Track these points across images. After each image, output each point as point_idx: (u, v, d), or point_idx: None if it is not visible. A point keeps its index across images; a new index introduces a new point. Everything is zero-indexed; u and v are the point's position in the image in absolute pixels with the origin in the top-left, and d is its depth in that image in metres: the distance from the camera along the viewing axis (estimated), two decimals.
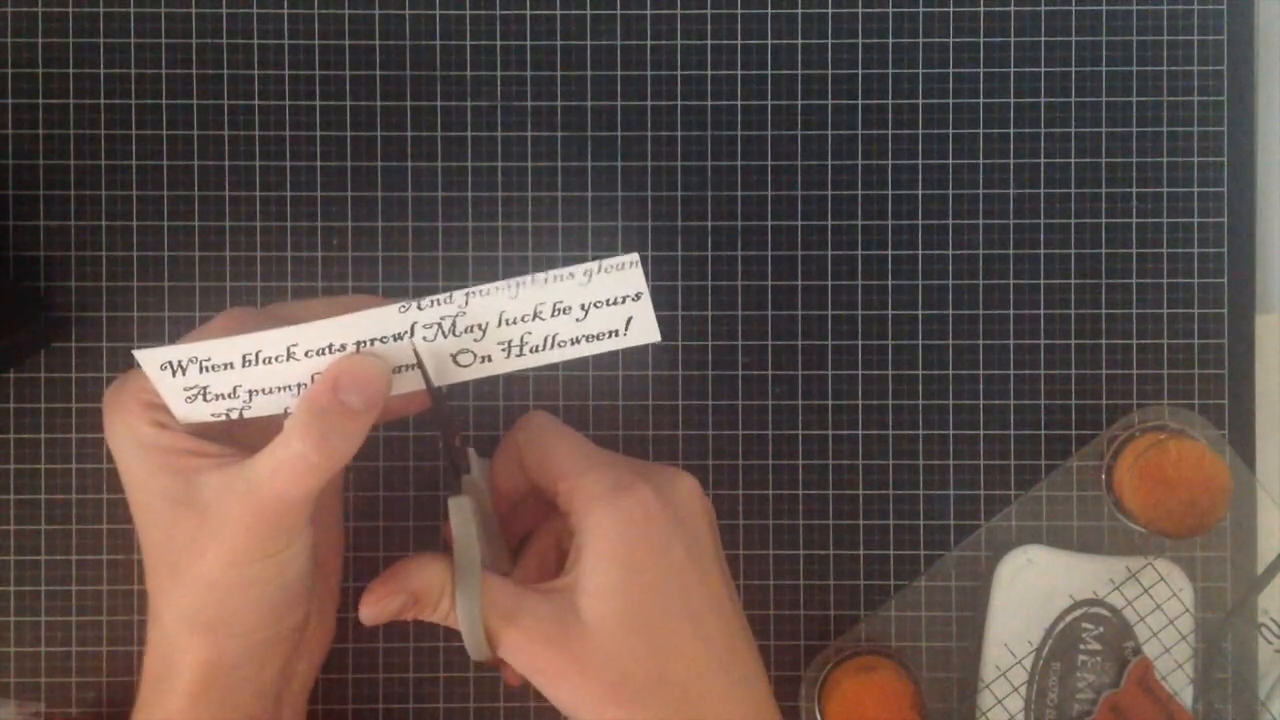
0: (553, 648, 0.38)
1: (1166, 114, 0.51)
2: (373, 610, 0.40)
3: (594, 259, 0.37)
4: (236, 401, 0.39)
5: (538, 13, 0.51)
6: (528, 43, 0.51)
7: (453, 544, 0.40)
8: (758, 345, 0.50)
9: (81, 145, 0.50)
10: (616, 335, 0.38)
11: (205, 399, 0.38)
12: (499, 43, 0.51)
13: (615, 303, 0.37)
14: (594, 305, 0.37)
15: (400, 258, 0.50)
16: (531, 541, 0.44)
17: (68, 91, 0.50)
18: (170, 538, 0.38)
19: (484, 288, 0.37)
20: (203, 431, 0.39)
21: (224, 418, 0.39)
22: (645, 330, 0.38)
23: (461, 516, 0.40)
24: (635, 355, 0.50)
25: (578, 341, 0.38)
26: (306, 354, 0.38)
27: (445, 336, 0.38)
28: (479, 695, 0.50)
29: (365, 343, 0.38)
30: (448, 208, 0.50)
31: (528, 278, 0.37)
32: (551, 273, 0.37)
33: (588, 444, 0.42)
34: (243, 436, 0.40)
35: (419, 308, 0.37)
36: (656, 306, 0.38)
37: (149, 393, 0.38)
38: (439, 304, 0.37)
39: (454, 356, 0.38)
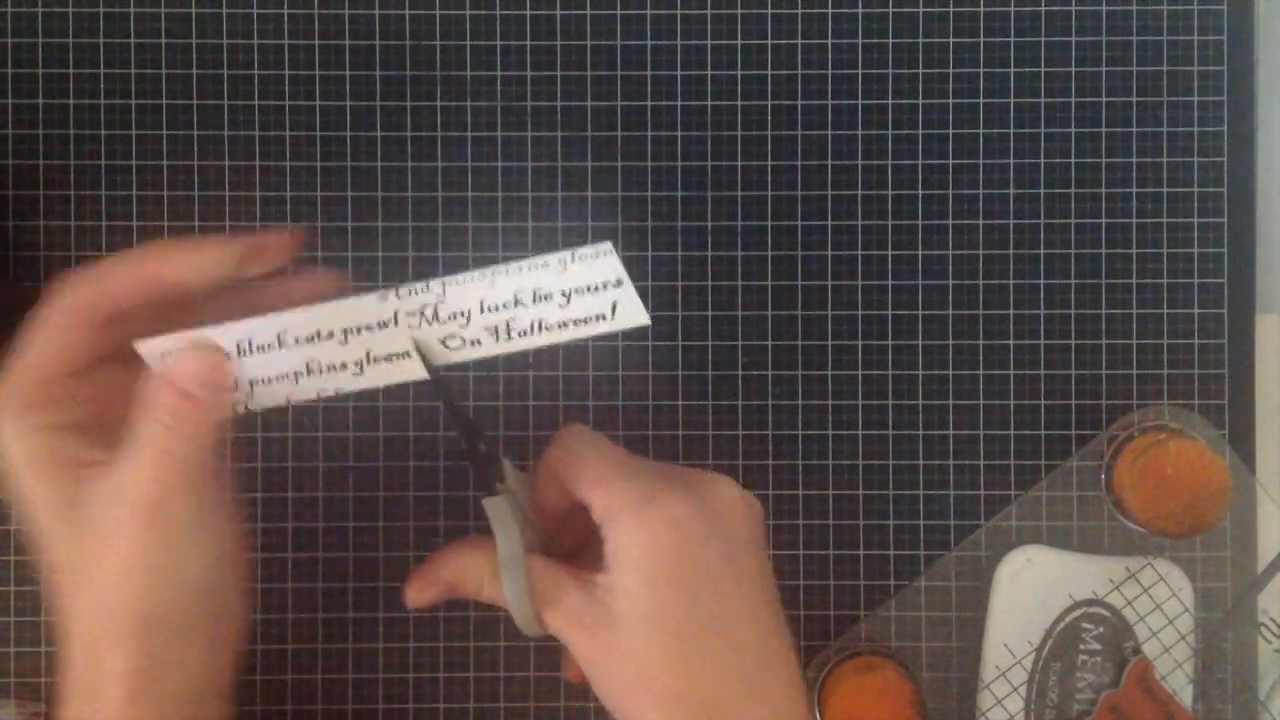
0: (586, 634, 0.39)
1: (1166, 114, 0.51)
2: (414, 597, 0.42)
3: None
4: (239, 394, 0.39)
5: (538, 13, 0.51)
6: (528, 43, 0.51)
7: (496, 538, 0.41)
8: (758, 345, 0.50)
9: (81, 145, 0.50)
10: (604, 319, 0.38)
11: None
12: (499, 43, 0.51)
13: (596, 290, 0.37)
14: (575, 292, 0.37)
15: (400, 258, 0.50)
16: (585, 550, 0.44)
17: (68, 91, 0.50)
18: (69, 552, 0.39)
19: (459, 276, 0.37)
20: (88, 430, 0.39)
21: (228, 412, 0.39)
22: (632, 313, 0.38)
23: (498, 512, 0.40)
24: (635, 355, 0.50)
25: (566, 325, 0.38)
26: (296, 341, 0.38)
27: (429, 324, 0.38)
28: (479, 695, 0.50)
29: (352, 330, 0.38)
30: (448, 208, 0.50)
31: (502, 266, 0.37)
32: (526, 261, 0.37)
33: (620, 452, 0.42)
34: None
35: (398, 296, 0.37)
36: (657, 306, 0.38)
37: (34, 388, 0.38)
38: (417, 293, 0.37)
39: (442, 341, 0.38)
